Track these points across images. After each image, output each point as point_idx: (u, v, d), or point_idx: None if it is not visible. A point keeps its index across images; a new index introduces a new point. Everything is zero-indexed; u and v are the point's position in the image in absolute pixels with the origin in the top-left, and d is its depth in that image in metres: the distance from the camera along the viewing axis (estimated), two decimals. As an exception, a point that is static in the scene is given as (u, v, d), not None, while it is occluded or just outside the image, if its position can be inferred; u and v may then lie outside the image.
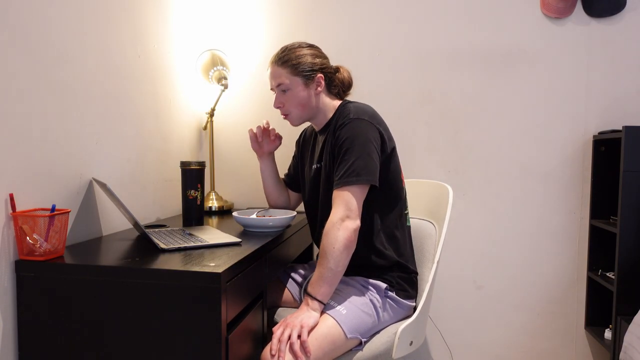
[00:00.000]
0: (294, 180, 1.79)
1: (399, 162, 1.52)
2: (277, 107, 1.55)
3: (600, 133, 1.94)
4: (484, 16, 2.02)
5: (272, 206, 1.80)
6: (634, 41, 1.95)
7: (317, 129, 1.60)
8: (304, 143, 1.72)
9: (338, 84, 1.56)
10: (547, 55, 2.00)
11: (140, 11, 1.70)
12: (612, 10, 1.94)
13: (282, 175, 1.83)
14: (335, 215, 1.34)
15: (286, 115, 1.56)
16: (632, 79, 1.96)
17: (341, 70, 1.58)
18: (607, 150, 1.96)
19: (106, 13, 1.50)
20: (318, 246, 1.59)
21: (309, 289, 1.34)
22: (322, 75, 1.51)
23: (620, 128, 1.77)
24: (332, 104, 1.55)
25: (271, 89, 1.55)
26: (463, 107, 2.06)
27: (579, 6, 1.97)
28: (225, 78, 2.01)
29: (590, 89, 1.99)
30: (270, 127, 1.73)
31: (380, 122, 1.47)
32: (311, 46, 1.55)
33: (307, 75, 1.49)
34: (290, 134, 1.99)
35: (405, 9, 2.06)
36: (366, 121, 1.42)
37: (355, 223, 1.34)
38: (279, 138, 1.74)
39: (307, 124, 1.74)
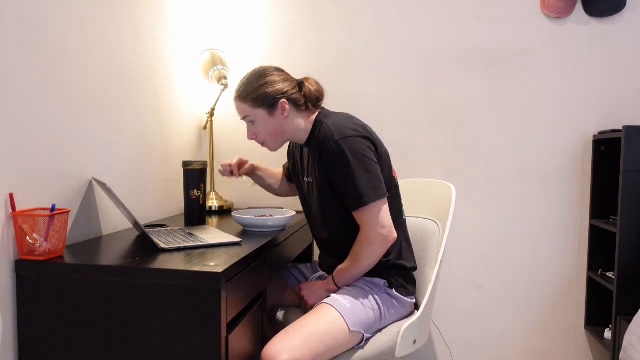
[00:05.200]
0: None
1: (389, 158, 1.51)
2: (251, 139, 1.53)
3: (600, 133, 1.94)
4: (484, 16, 2.02)
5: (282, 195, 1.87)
6: (634, 41, 1.95)
7: (301, 143, 1.56)
8: (294, 150, 1.67)
9: (305, 102, 1.50)
10: (547, 55, 2.00)
11: (139, 11, 1.69)
12: (612, 10, 1.94)
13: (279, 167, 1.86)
14: (373, 231, 1.39)
15: (262, 144, 1.54)
16: (632, 79, 1.96)
17: (306, 84, 1.51)
18: (607, 150, 1.96)
19: (106, 13, 1.50)
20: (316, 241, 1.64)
21: (335, 274, 1.49)
22: (285, 100, 1.46)
23: (620, 128, 1.77)
24: (306, 120, 1.50)
25: (242, 119, 1.53)
26: (463, 107, 2.06)
27: (579, 6, 1.97)
28: (225, 78, 2.01)
29: (590, 89, 1.99)
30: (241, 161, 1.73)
31: (363, 127, 1.44)
32: (273, 71, 1.49)
33: (269, 104, 1.45)
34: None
35: (406, 9, 2.06)
36: (352, 137, 1.39)
37: (393, 237, 1.42)
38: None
39: None
